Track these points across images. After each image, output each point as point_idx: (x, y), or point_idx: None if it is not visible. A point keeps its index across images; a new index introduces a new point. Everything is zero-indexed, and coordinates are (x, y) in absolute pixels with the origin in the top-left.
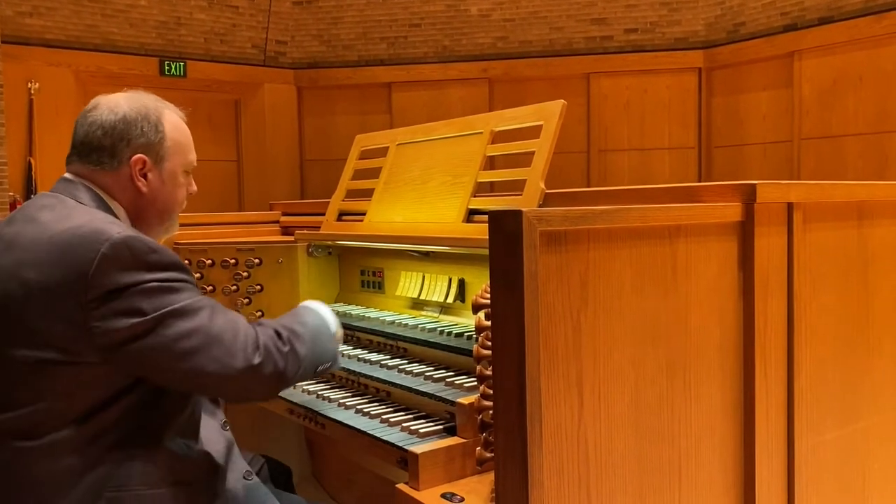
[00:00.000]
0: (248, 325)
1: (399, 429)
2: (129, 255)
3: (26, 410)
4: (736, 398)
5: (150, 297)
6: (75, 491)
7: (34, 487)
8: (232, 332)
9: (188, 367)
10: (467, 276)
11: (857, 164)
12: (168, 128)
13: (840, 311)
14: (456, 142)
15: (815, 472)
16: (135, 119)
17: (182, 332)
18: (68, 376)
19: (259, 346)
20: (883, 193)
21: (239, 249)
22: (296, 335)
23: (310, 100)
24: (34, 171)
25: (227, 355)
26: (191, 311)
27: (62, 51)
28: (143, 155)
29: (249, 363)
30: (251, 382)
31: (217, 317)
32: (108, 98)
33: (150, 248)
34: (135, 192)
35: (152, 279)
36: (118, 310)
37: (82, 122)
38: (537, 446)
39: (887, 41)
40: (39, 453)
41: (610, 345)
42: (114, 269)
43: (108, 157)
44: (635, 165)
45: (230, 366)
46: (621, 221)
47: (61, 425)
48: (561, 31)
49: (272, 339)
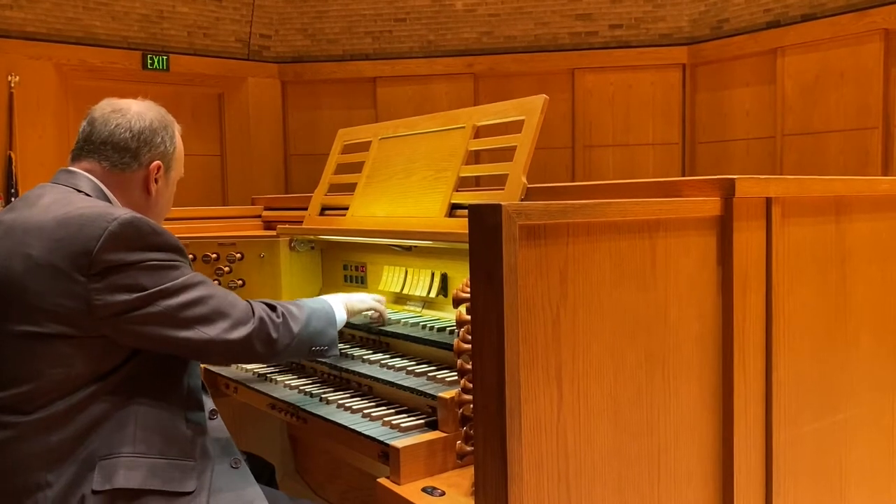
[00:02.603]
0: (243, 300)
1: (381, 423)
2: (135, 234)
3: (26, 387)
4: (715, 391)
5: (151, 274)
6: (66, 465)
7: (28, 459)
8: (228, 304)
9: (189, 334)
10: (450, 270)
11: (839, 160)
12: (178, 140)
13: (818, 305)
14: (438, 136)
15: (792, 464)
16: (158, 128)
17: (183, 303)
18: (68, 350)
19: (254, 315)
20: (860, 188)
21: (221, 244)
22: (290, 311)
23: (294, 94)
24: (14, 165)
25: (226, 323)
26: (190, 285)
27: (43, 43)
28: (160, 162)
29: (245, 332)
30: (246, 348)
31: (215, 290)
32: (128, 102)
33: (153, 230)
34: (143, 193)
35: (154, 258)
36: (120, 284)
37: (104, 122)
38: (516, 440)
39: (868, 38)
40: (32, 428)
41: (589, 338)
42: (118, 246)
43: (130, 158)
44: (620, 161)
45: (228, 333)
46: (601, 216)
47: (53, 400)
48: (546, 26)
49: (265, 311)
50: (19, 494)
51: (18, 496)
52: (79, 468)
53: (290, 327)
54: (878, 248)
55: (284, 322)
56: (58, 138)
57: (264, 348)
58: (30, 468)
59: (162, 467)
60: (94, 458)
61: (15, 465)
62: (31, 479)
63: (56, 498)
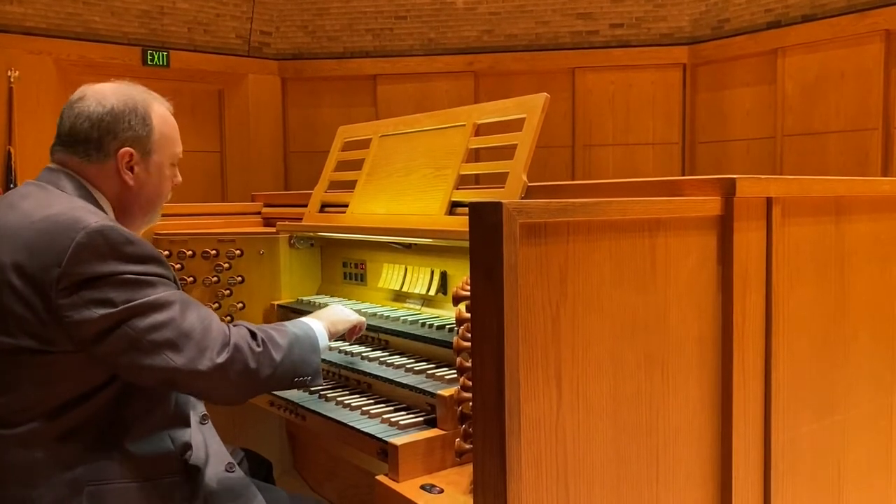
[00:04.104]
0: (221, 323)
1: (379, 420)
2: (105, 244)
3: (5, 399)
4: (714, 391)
5: (121, 289)
6: (52, 484)
7: (11, 473)
8: (202, 329)
9: (156, 362)
10: (449, 268)
11: (839, 160)
12: (156, 121)
13: (817, 306)
14: (439, 134)
15: (791, 464)
16: (122, 112)
17: (151, 325)
18: (44, 366)
19: (230, 343)
20: (860, 189)
21: (220, 240)
22: (271, 338)
23: (294, 91)
24: (13, 160)
25: (195, 350)
26: (161, 305)
27: (42, 39)
28: (131, 148)
29: (218, 360)
30: (220, 380)
31: (189, 312)
32: (94, 88)
33: (126, 240)
34: (121, 184)
35: (126, 271)
36: (89, 299)
37: (69, 112)
38: (516, 438)
39: (869, 39)
40: (15, 441)
41: (589, 337)
42: (88, 258)
43: (94, 149)
44: (619, 160)
45: (198, 361)
46: (601, 214)
47: (36, 416)
48: (547, 25)
49: (244, 338)
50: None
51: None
52: (65, 490)
53: (271, 356)
54: (877, 250)
55: (265, 351)
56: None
57: (239, 380)
58: (13, 482)
59: (151, 489)
60: (81, 484)
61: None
62: (17, 493)
63: None
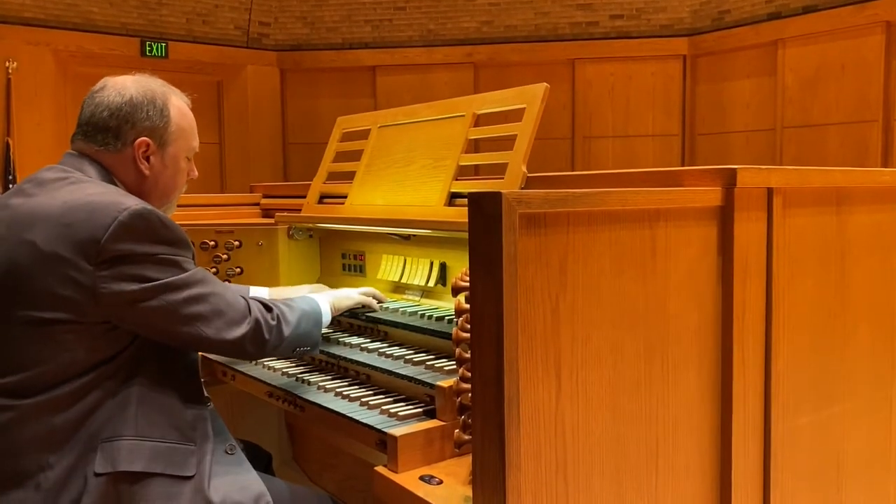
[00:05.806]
0: (241, 299)
1: (378, 412)
2: (144, 226)
3: (29, 373)
4: (713, 382)
5: (158, 267)
6: (69, 447)
7: (29, 441)
8: (227, 303)
9: (188, 330)
10: (449, 259)
11: (839, 152)
12: (174, 113)
13: (817, 297)
14: (438, 124)
15: (790, 455)
16: (141, 102)
17: (185, 299)
18: (72, 337)
19: (250, 316)
20: (861, 180)
21: (219, 231)
22: (283, 315)
23: (293, 82)
24: (12, 151)
25: (223, 323)
26: (193, 282)
27: (41, 29)
28: (148, 138)
29: (240, 332)
30: (239, 347)
31: (217, 288)
32: (115, 80)
33: (162, 223)
34: (137, 173)
35: (161, 252)
36: (127, 274)
37: (89, 102)
38: (515, 429)
39: (869, 31)
40: (34, 410)
41: (588, 328)
42: (127, 236)
43: (112, 138)
44: (619, 152)
45: (225, 332)
46: (601, 205)
47: (60, 382)
48: (546, 16)
49: (261, 311)
50: (20, 476)
51: (19, 478)
52: (80, 450)
53: (281, 330)
54: (878, 240)
55: (278, 325)
56: (55, 125)
57: (254, 349)
58: (31, 450)
59: (164, 450)
60: (95, 440)
61: (15, 447)
62: (33, 460)
63: (57, 479)
